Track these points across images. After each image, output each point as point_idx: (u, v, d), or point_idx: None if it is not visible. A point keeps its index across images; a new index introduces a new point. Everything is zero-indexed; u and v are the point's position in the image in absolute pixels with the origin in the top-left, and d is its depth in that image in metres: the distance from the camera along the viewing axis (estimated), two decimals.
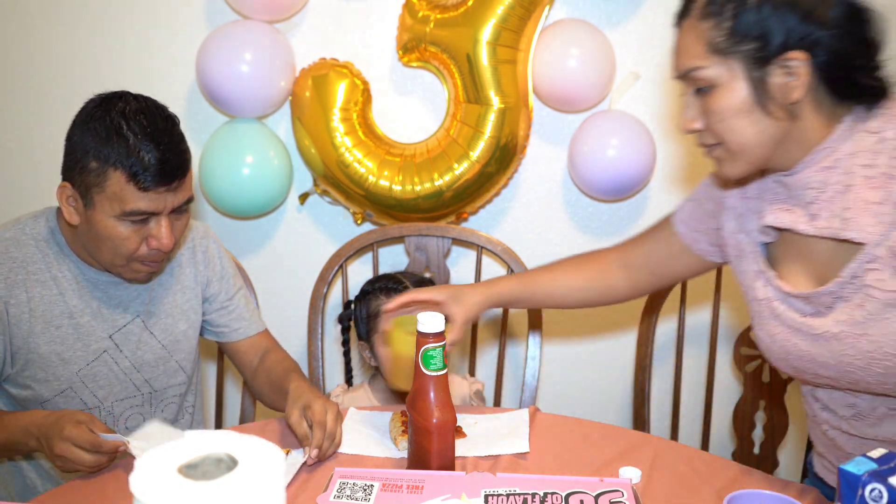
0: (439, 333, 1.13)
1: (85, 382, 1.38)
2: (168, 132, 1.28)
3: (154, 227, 1.29)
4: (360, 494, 1.07)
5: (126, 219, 1.27)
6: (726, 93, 1.05)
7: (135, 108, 1.27)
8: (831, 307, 1.07)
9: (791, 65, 1.02)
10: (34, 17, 2.01)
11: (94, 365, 1.38)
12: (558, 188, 2.07)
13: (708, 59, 1.05)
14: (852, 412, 1.13)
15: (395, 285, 1.62)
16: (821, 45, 1.01)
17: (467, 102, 1.87)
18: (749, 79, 1.04)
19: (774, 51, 1.02)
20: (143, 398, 1.45)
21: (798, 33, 1.01)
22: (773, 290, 1.14)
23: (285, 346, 2.20)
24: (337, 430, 1.25)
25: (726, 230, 1.24)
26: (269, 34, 1.88)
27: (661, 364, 2.10)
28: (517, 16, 1.82)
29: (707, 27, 1.04)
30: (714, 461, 1.24)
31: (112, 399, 1.42)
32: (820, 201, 1.07)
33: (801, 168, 1.08)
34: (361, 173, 1.88)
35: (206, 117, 2.03)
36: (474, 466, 1.22)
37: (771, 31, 1.01)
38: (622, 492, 1.07)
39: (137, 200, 1.25)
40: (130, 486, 0.61)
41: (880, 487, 0.83)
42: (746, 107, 1.05)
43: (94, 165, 1.24)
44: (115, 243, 1.28)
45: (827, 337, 1.07)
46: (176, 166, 1.28)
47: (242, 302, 1.58)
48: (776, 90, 1.03)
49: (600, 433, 1.33)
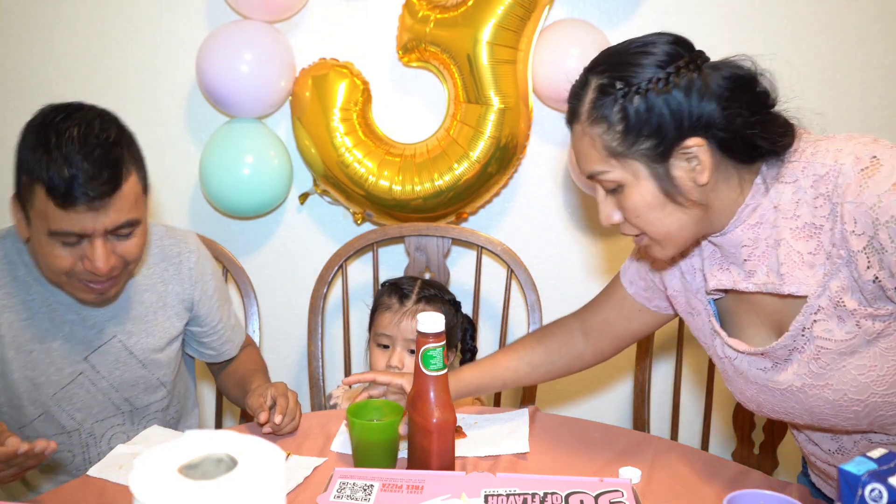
0: (439, 333, 1.13)
1: (61, 405, 1.34)
2: (99, 146, 1.17)
3: (88, 249, 1.20)
4: (360, 494, 1.07)
5: (55, 238, 1.19)
6: (634, 191, 1.04)
7: (70, 120, 1.18)
8: (789, 360, 1.06)
9: (691, 152, 1.00)
10: (34, 18, 2.01)
11: (69, 388, 1.34)
12: (558, 188, 2.07)
13: (608, 163, 1.04)
14: (836, 446, 1.14)
15: (404, 286, 1.64)
16: (714, 124, 0.99)
17: (467, 102, 1.87)
18: (653, 176, 1.02)
19: (671, 143, 1.00)
20: (125, 416, 1.42)
21: (690, 118, 0.99)
22: (730, 348, 1.13)
23: (285, 346, 2.21)
24: (297, 410, 1.32)
25: (671, 289, 1.22)
26: (269, 34, 1.88)
27: (661, 364, 2.10)
28: (517, 16, 1.82)
29: (599, 132, 1.03)
30: (714, 461, 1.24)
31: (91, 420, 1.38)
32: (754, 257, 1.06)
33: (731, 228, 1.06)
34: (361, 173, 1.88)
35: (206, 117, 2.03)
36: (474, 466, 1.22)
37: (663, 123, 0.99)
38: (622, 492, 1.07)
39: (60, 220, 1.16)
40: (130, 486, 0.61)
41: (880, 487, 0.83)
42: (658, 201, 1.03)
43: (24, 180, 1.18)
44: (48, 261, 1.21)
45: (792, 390, 1.07)
46: (101, 182, 1.16)
47: (232, 322, 1.56)
48: (682, 181, 1.02)
49: (600, 433, 1.33)
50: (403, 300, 1.61)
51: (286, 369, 2.18)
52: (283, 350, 2.17)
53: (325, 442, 1.30)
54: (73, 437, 1.38)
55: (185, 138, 2.06)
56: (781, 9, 1.95)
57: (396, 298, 1.61)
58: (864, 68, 1.98)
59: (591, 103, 1.04)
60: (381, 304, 1.63)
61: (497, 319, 2.00)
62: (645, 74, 1.00)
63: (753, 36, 1.96)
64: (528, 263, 1.83)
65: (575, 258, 2.11)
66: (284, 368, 2.18)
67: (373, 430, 1.19)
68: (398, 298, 1.61)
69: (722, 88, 0.99)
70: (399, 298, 1.61)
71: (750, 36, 1.96)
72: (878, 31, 1.96)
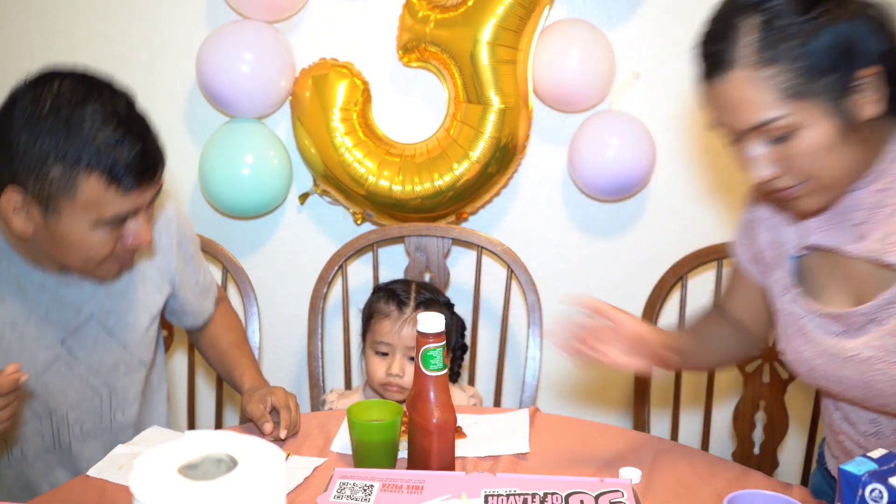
0: (439, 334, 1.13)
1: (35, 394, 1.26)
2: (133, 118, 1.11)
3: (133, 225, 1.15)
4: (360, 494, 1.07)
5: (103, 225, 1.12)
6: (811, 133, 0.97)
7: (89, 100, 1.08)
8: (864, 329, 1.03)
9: (867, 81, 0.96)
10: (33, 16, 2.01)
11: (44, 376, 1.26)
12: (558, 188, 2.07)
13: (784, 107, 0.97)
14: (874, 429, 1.11)
15: (400, 293, 1.62)
16: (887, 52, 0.96)
17: (467, 102, 1.87)
18: (833, 112, 0.96)
19: (850, 73, 0.95)
20: (102, 401, 1.34)
21: (865, 46, 0.95)
22: (801, 306, 1.10)
23: (285, 346, 2.21)
24: (298, 418, 1.31)
25: (762, 242, 1.19)
26: (269, 34, 1.88)
27: None
28: (517, 16, 1.82)
29: (770, 74, 0.96)
30: (714, 461, 1.24)
31: (66, 406, 1.30)
32: (870, 223, 1.02)
33: (856, 188, 1.03)
34: (361, 173, 1.88)
35: (206, 117, 2.03)
36: (474, 466, 1.22)
37: (841, 53, 0.94)
38: (622, 492, 1.06)
39: (118, 204, 1.10)
40: (130, 487, 0.61)
41: (880, 488, 0.83)
42: (834, 142, 0.97)
43: (58, 171, 1.07)
44: (88, 251, 1.14)
45: (857, 360, 1.04)
46: (156, 158, 1.13)
47: (208, 279, 1.52)
48: (859, 113, 0.97)
49: (600, 433, 1.33)
50: (402, 307, 1.59)
51: (286, 369, 2.18)
52: (283, 350, 2.17)
53: (325, 442, 1.29)
54: (43, 421, 1.30)
55: (185, 138, 2.06)
56: None
57: (395, 305, 1.59)
58: None
59: (756, 43, 0.96)
60: (378, 311, 1.61)
61: (497, 320, 2.00)
62: (805, 5, 0.95)
63: None
64: (528, 263, 1.83)
65: (575, 258, 2.11)
66: (284, 368, 2.18)
67: (373, 430, 1.19)
68: (396, 305, 1.59)
69: (886, 18, 0.97)
70: (397, 305, 1.59)
71: None
72: None
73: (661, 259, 1.84)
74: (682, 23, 1.95)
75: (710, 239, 1.78)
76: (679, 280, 1.77)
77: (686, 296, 1.79)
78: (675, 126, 2.02)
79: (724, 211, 2.06)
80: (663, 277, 1.77)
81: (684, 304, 1.79)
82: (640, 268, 2.08)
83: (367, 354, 1.61)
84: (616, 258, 2.10)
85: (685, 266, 1.76)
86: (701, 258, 1.76)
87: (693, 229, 2.06)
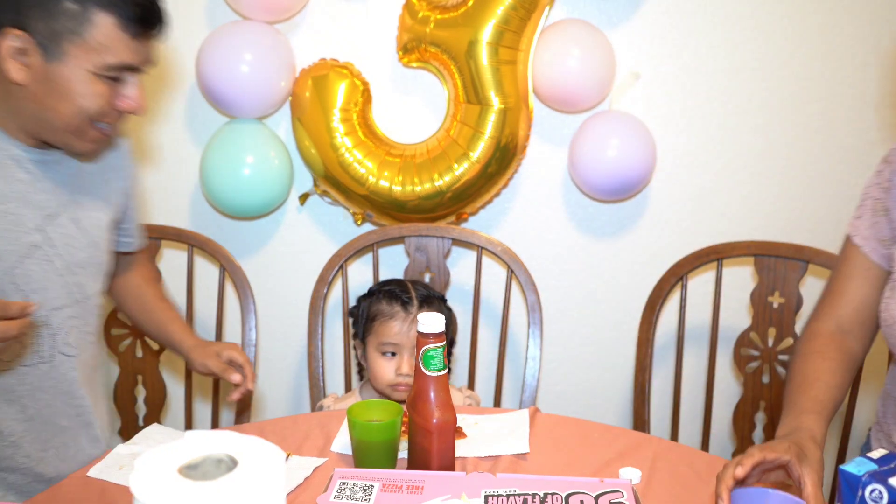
0: (440, 334, 1.13)
1: (18, 284, 1.20)
2: None
3: (128, 87, 1.15)
4: (360, 495, 1.07)
5: (105, 73, 1.12)
6: None
7: None
8: None
9: None
10: None
11: (27, 263, 1.21)
12: (558, 188, 2.07)
13: None
14: None
15: (401, 293, 1.62)
16: None
17: (467, 103, 1.87)
18: None
19: None
20: (77, 307, 1.29)
21: None
22: None
23: (285, 346, 2.21)
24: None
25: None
26: (269, 34, 1.88)
27: (661, 364, 2.10)
28: (517, 16, 1.82)
29: None
30: (714, 461, 1.24)
31: (48, 307, 1.25)
32: None
33: None
34: (361, 174, 1.88)
35: (206, 117, 2.03)
36: (474, 467, 1.22)
37: None
38: (622, 492, 1.07)
39: (124, 51, 1.11)
40: (130, 487, 0.61)
41: (880, 488, 0.83)
42: None
43: (70, 7, 1.07)
44: (84, 101, 1.12)
45: None
46: (163, 11, 1.16)
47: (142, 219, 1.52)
48: None
49: (600, 433, 1.33)
50: (406, 306, 1.59)
51: (286, 369, 2.18)
52: (283, 350, 2.17)
53: (325, 442, 1.30)
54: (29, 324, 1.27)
55: (186, 139, 2.06)
56: (781, 8, 1.95)
57: (399, 305, 1.59)
58: (863, 67, 1.98)
59: None
60: (382, 312, 1.60)
61: (497, 320, 2.00)
62: None
63: (754, 36, 1.96)
64: (528, 264, 1.83)
65: (575, 258, 2.11)
66: (284, 368, 2.18)
67: (373, 431, 1.19)
68: (401, 305, 1.59)
69: None
70: (402, 305, 1.59)
71: (750, 36, 1.96)
72: (873, 33, 1.96)
73: (661, 259, 1.84)
74: (682, 23, 1.95)
75: (710, 239, 1.78)
76: (679, 280, 1.77)
77: (686, 296, 1.79)
78: (675, 126, 2.02)
79: (725, 211, 2.06)
80: (663, 277, 1.78)
81: (684, 304, 1.79)
82: (640, 268, 2.08)
83: (371, 357, 1.60)
84: (616, 258, 2.10)
85: (685, 266, 1.76)
86: (701, 258, 1.76)
87: (693, 229, 2.06)
